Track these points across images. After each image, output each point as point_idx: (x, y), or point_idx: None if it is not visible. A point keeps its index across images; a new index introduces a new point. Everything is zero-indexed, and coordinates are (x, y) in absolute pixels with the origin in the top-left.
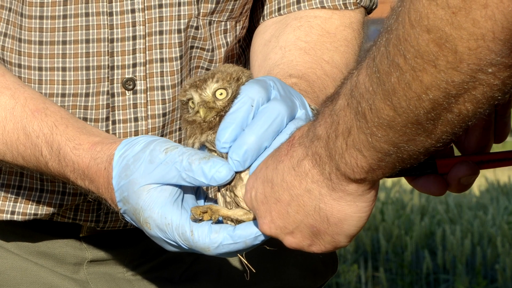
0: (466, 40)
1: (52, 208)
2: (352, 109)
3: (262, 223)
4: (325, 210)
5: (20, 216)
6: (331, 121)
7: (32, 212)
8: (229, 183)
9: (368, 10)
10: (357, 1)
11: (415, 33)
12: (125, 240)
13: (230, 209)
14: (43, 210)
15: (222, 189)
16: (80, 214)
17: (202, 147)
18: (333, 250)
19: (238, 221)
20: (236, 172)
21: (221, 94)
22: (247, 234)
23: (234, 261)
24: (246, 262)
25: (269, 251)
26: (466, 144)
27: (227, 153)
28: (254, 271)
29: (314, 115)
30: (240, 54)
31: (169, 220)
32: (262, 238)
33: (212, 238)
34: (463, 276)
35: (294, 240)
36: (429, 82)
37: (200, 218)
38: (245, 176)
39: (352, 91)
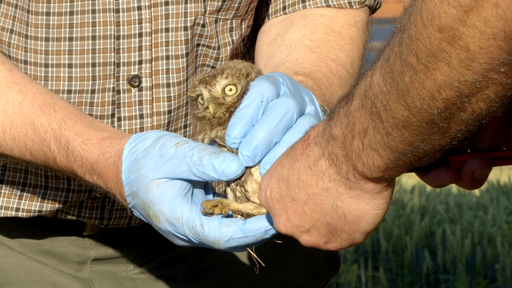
0: (478, 38)
1: (56, 205)
2: (367, 109)
3: (278, 222)
4: (343, 208)
5: (24, 213)
6: (346, 121)
7: (37, 209)
8: (239, 178)
9: (372, 10)
10: (362, 0)
11: (427, 32)
12: (128, 238)
13: (241, 203)
14: (48, 207)
15: (232, 184)
16: (84, 211)
17: (212, 143)
18: (349, 246)
19: (248, 215)
20: (246, 167)
21: (230, 90)
22: (257, 228)
23: (237, 260)
24: (255, 256)
25: (273, 250)
26: (478, 145)
27: (237, 148)
28: (264, 265)
29: (328, 116)
30: (245, 53)
31: (179, 214)
32: (272, 232)
33: (223, 232)
34: (463, 276)
35: (310, 238)
36: (442, 81)
37: (211, 211)
38: (255, 171)
39: (366, 91)
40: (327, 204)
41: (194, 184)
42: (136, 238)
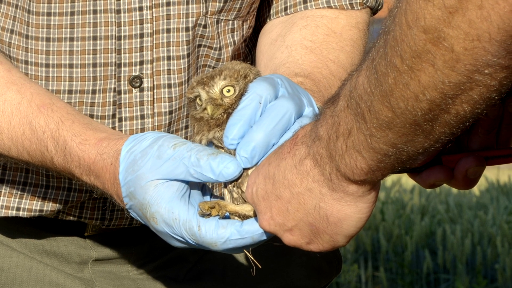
0: (462, 40)
1: (57, 205)
2: (351, 110)
3: (261, 219)
4: (325, 209)
5: (25, 213)
6: (332, 122)
7: (38, 208)
8: (237, 179)
9: (374, 11)
10: (363, 1)
11: (412, 34)
12: (130, 239)
13: (238, 204)
14: (49, 207)
15: (229, 186)
16: (86, 212)
17: (210, 144)
18: (331, 249)
19: (245, 217)
20: (244, 169)
21: (228, 91)
22: (254, 230)
23: (239, 260)
24: (252, 258)
25: (274, 250)
26: (469, 145)
27: (234, 149)
28: (260, 267)
29: (316, 116)
30: (247, 53)
31: (176, 215)
32: (269, 233)
33: (220, 233)
34: (463, 275)
35: (293, 238)
36: (426, 83)
37: (208, 213)
38: None
39: (351, 92)
40: (310, 205)
41: (192, 185)
42: (137, 238)
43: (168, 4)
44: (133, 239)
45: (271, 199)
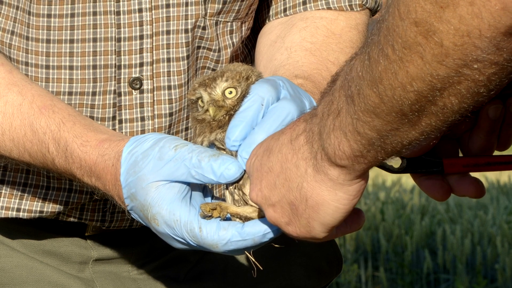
0: (452, 35)
1: (58, 206)
2: (344, 91)
3: (251, 189)
4: (306, 189)
5: (25, 214)
6: (328, 100)
7: (38, 209)
8: (238, 181)
9: (373, 12)
10: (363, 3)
11: (404, 25)
12: (130, 239)
13: (239, 206)
14: (49, 208)
15: (231, 187)
16: (86, 214)
17: (211, 145)
18: (308, 237)
19: (246, 219)
20: (245, 170)
21: (230, 93)
22: (255, 231)
23: (239, 261)
24: (253, 260)
25: (274, 250)
26: (469, 146)
27: (236, 151)
28: (262, 268)
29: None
30: (246, 54)
31: (177, 217)
32: (270, 235)
33: (221, 235)
34: (463, 275)
35: (274, 215)
36: (415, 74)
37: (210, 214)
38: None
39: (347, 74)
40: (295, 182)
41: (193, 187)
42: (138, 238)
43: (167, 6)
44: (134, 239)
45: (263, 171)
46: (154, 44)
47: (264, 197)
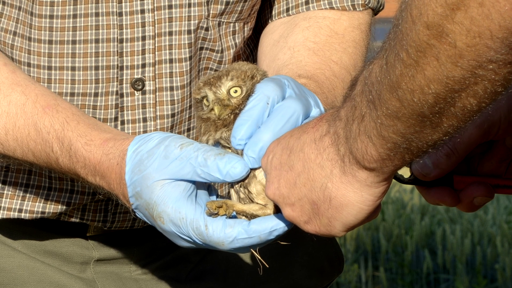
0: (464, 36)
1: (59, 207)
2: (365, 96)
3: (268, 187)
4: (331, 190)
5: (27, 214)
6: (350, 105)
7: (40, 210)
8: (244, 179)
9: (375, 12)
10: (365, 2)
11: (416, 29)
12: (132, 239)
13: (245, 204)
14: (51, 209)
15: (236, 186)
16: (88, 214)
17: (216, 144)
18: (326, 235)
19: (252, 216)
20: (251, 169)
21: (235, 92)
22: (261, 229)
23: (241, 261)
24: (259, 257)
25: (276, 250)
26: (478, 169)
27: (242, 150)
28: (268, 266)
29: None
30: (249, 54)
31: (183, 215)
32: (276, 233)
33: (227, 233)
34: (463, 275)
35: (292, 213)
36: (431, 76)
37: (216, 212)
38: (259, 173)
39: (366, 78)
40: (318, 182)
41: (198, 185)
42: (139, 238)
43: (170, 7)
44: (135, 239)
45: (283, 169)
46: (156, 45)
47: (282, 195)
